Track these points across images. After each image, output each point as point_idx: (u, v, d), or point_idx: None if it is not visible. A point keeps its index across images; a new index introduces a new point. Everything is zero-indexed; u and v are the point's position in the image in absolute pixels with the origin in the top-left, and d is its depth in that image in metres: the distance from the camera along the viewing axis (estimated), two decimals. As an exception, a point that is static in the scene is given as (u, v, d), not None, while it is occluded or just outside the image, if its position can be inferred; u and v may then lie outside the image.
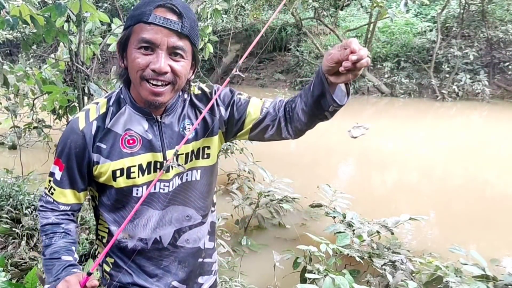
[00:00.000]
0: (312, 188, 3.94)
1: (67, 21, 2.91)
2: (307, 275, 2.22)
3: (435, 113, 10.44)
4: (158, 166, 1.16)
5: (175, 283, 1.28)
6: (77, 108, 3.16)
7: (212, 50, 4.50)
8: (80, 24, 2.91)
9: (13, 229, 2.97)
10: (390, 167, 6.03)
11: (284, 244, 3.45)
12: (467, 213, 4.36)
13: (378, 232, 2.99)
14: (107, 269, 1.27)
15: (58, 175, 1.14)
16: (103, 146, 1.12)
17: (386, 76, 12.80)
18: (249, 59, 16.50)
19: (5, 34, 7.13)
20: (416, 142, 7.42)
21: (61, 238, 1.15)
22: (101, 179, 1.14)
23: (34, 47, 3.14)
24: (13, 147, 5.73)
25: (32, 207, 3.30)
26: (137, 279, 1.25)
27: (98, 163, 1.12)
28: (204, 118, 1.19)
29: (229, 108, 1.21)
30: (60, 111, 3.69)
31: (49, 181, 1.16)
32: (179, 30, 1.02)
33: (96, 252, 1.35)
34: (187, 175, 1.20)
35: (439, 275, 2.34)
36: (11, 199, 3.32)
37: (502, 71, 11.96)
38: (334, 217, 3.37)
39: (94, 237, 1.31)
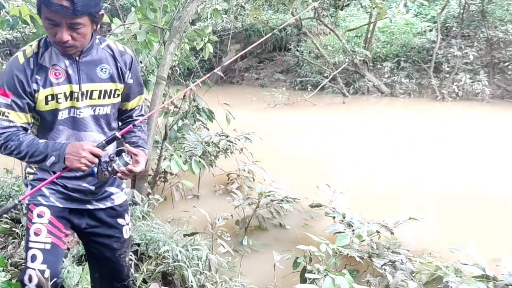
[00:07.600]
0: (312, 188, 3.94)
1: (67, 21, 2.90)
2: (307, 275, 2.22)
3: (435, 113, 10.44)
4: (75, 96, 1.53)
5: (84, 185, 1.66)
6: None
7: (212, 50, 4.50)
8: (80, 24, 2.90)
9: (13, 229, 2.96)
10: (389, 166, 6.03)
11: (285, 244, 3.45)
12: (467, 213, 4.36)
13: (378, 232, 2.99)
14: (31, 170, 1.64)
15: (6, 101, 1.45)
16: (38, 77, 1.48)
17: (386, 76, 12.79)
18: (249, 59, 16.52)
19: (5, 34, 7.12)
20: (416, 142, 7.42)
21: (25, 136, 1.49)
22: (38, 104, 1.50)
23: (34, 47, 3.13)
24: (13, 147, 5.71)
25: (32, 207, 3.29)
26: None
27: (37, 91, 1.48)
28: (119, 68, 1.61)
29: (127, 83, 1.66)
30: (60, 111, 3.69)
31: None
32: (71, 13, 1.33)
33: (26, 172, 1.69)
34: (99, 109, 1.60)
35: (439, 275, 2.33)
36: (11, 199, 3.32)
37: (502, 71, 11.95)
38: (334, 217, 3.36)
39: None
